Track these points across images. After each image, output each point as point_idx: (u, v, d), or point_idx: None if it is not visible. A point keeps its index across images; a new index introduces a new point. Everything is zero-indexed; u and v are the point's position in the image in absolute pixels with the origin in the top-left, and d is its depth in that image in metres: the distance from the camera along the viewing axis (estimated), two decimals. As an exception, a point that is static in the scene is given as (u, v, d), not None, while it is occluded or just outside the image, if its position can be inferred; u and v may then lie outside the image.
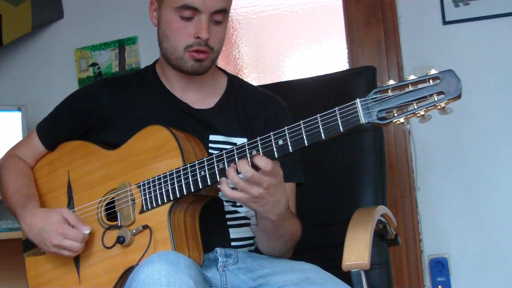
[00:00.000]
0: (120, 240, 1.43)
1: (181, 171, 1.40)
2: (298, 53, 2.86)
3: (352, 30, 2.67)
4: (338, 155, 1.89)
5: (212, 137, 1.58)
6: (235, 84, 1.70)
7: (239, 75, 2.85)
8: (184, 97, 1.63)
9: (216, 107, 1.63)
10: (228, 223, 1.56)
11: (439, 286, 2.49)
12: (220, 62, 2.84)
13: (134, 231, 1.42)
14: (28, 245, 1.63)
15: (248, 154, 1.32)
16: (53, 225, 1.47)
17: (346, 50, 2.70)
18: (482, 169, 2.49)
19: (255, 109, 1.64)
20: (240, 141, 1.59)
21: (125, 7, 2.96)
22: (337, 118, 1.24)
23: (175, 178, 1.40)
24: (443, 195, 2.52)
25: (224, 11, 1.55)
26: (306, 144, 1.27)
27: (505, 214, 2.45)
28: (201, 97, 1.64)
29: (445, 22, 2.54)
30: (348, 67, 2.68)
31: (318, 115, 1.27)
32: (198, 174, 1.38)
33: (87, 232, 1.47)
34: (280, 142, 1.30)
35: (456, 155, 2.52)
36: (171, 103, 1.62)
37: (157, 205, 1.42)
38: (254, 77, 2.87)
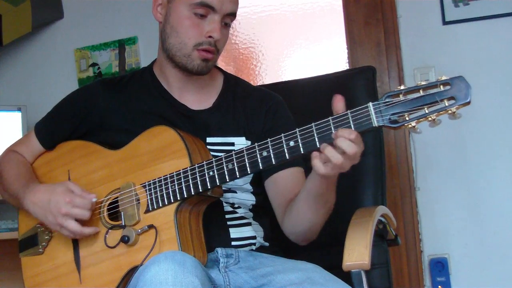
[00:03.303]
0: (124, 240, 1.42)
1: (189, 171, 1.40)
2: (298, 53, 2.86)
3: (352, 30, 2.67)
4: (337, 155, 1.89)
5: (209, 140, 1.58)
6: (232, 82, 1.70)
7: (238, 76, 2.85)
8: (182, 98, 1.63)
9: (213, 107, 1.63)
10: (228, 223, 1.56)
11: (439, 286, 2.49)
12: (220, 62, 2.84)
13: (139, 230, 1.42)
14: (24, 245, 1.62)
15: (258, 155, 1.33)
16: (59, 195, 1.47)
17: (346, 50, 2.70)
18: (482, 169, 2.49)
19: (254, 105, 1.65)
20: (237, 140, 1.59)
21: (125, 7, 2.96)
22: (349, 121, 1.25)
23: (182, 178, 1.40)
24: (443, 195, 2.52)
25: (234, 15, 1.57)
26: (318, 146, 1.28)
27: (505, 214, 2.46)
28: (199, 98, 1.64)
29: (445, 22, 2.54)
30: (348, 67, 2.69)
31: (330, 117, 1.27)
32: (206, 174, 1.38)
33: (94, 199, 1.48)
34: (292, 143, 1.30)
35: (456, 155, 2.52)
36: (168, 105, 1.62)
37: (163, 205, 1.42)
38: (254, 77, 2.87)
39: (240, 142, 1.59)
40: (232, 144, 1.58)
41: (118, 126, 1.60)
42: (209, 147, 1.56)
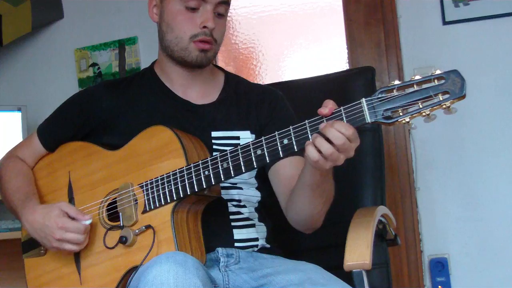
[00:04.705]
0: (122, 240, 1.42)
1: (185, 171, 1.40)
2: (298, 53, 2.86)
3: (352, 30, 2.67)
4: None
5: (214, 134, 1.59)
6: (232, 79, 1.72)
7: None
8: (185, 95, 1.63)
9: (217, 101, 1.64)
10: (232, 224, 1.56)
11: (439, 286, 2.49)
12: (220, 63, 2.85)
13: (136, 231, 1.42)
14: (27, 246, 1.62)
15: (252, 154, 1.33)
16: (53, 220, 1.47)
17: (346, 50, 2.70)
18: (482, 169, 2.49)
19: (256, 99, 1.66)
20: (242, 134, 1.60)
21: (125, 7, 2.96)
22: (342, 118, 1.25)
23: (178, 178, 1.40)
24: (443, 195, 2.53)
25: (227, 3, 1.57)
26: None
27: (505, 214, 2.46)
28: (202, 94, 1.65)
29: (445, 22, 2.54)
30: (348, 67, 2.69)
31: None
32: (202, 173, 1.38)
33: (88, 222, 1.47)
34: (285, 141, 1.30)
35: (456, 155, 2.52)
36: (172, 102, 1.62)
37: (160, 205, 1.42)
38: (254, 77, 2.87)
39: (245, 136, 1.60)
40: (238, 138, 1.59)
41: (122, 127, 1.60)
42: (214, 141, 1.57)
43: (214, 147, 1.56)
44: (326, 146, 1.24)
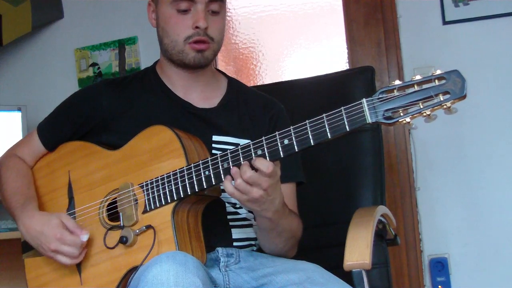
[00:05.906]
0: (123, 240, 1.42)
1: (185, 171, 1.40)
2: (298, 53, 2.86)
3: (352, 30, 2.67)
4: (337, 155, 1.90)
5: (215, 138, 1.58)
6: (235, 86, 1.71)
7: (239, 76, 2.85)
8: (186, 96, 1.63)
9: (219, 107, 1.64)
10: (230, 223, 1.56)
11: (439, 286, 2.49)
12: (220, 62, 2.85)
13: (137, 231, 1.42)
14: (27, 246, 1.62)
15: (253, 154, 1.32)
16: (51, 230, 1.46)
17: (346, 50, 2.70)
18: (482, 169, 2.49)
19: (258, 110, 1.66)
20: (243, 142, 1.59)
21: (125, 7, 2.96)
22: (343, 118, 1.25)
23: (179, 178, 1.40)
24: (443, 195, 2.53)
25: (220, 0, 1.56)
26: (312, 144, 1.28)
27: (505, 214, 2.46)
28: (204, 97, 1.64)
29: (445, 22, 2.55)
30: (348, 67, 2.69)
31: (324, 114, 1.27)
32: (202, 174, 1.38)
33: (85, 238, 1.46)
34: (286, 141, 1.30)
35: (456, 155, 2.52)
36: (173, 103, 1.62)
37: (161, 205, 1.42)
38: (254, 77, 2.87)
39: None
40: (238, 145, 1.58)
41: (121, 126, 1.59)
42: (214, 145, 1.57)
43: (213, 151, 1.55)
44: (236, 172, 1.31)
